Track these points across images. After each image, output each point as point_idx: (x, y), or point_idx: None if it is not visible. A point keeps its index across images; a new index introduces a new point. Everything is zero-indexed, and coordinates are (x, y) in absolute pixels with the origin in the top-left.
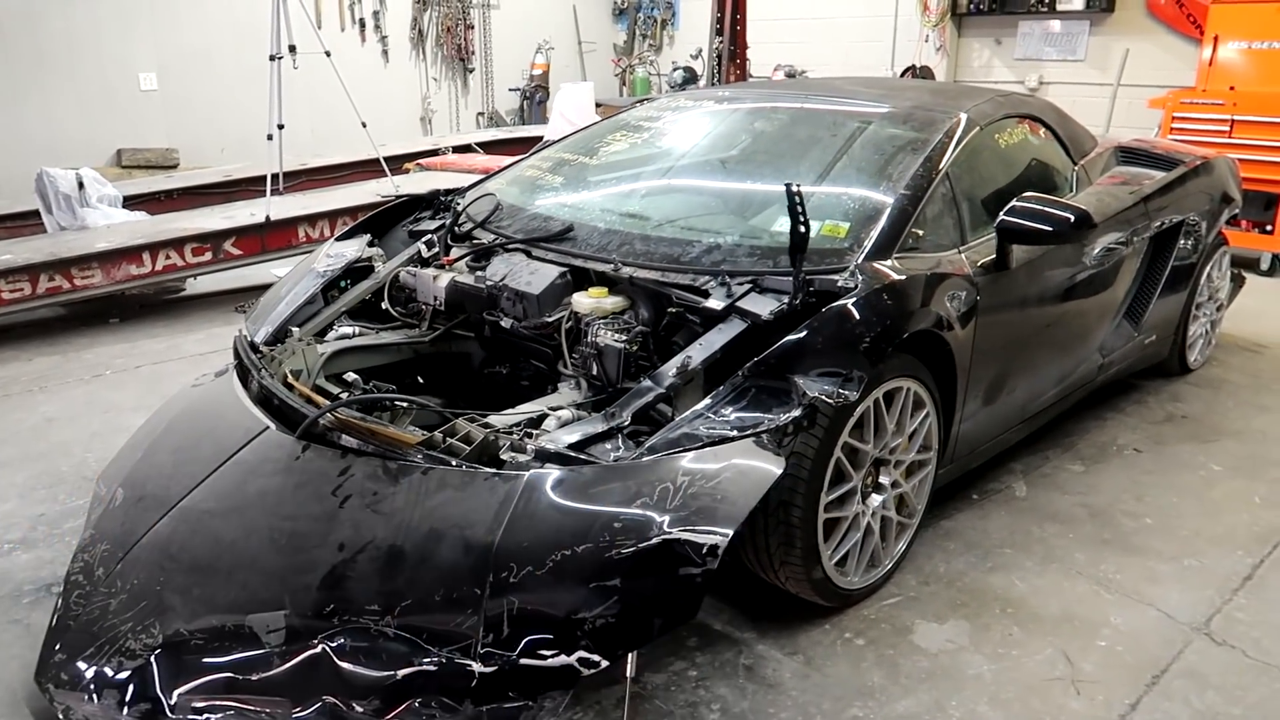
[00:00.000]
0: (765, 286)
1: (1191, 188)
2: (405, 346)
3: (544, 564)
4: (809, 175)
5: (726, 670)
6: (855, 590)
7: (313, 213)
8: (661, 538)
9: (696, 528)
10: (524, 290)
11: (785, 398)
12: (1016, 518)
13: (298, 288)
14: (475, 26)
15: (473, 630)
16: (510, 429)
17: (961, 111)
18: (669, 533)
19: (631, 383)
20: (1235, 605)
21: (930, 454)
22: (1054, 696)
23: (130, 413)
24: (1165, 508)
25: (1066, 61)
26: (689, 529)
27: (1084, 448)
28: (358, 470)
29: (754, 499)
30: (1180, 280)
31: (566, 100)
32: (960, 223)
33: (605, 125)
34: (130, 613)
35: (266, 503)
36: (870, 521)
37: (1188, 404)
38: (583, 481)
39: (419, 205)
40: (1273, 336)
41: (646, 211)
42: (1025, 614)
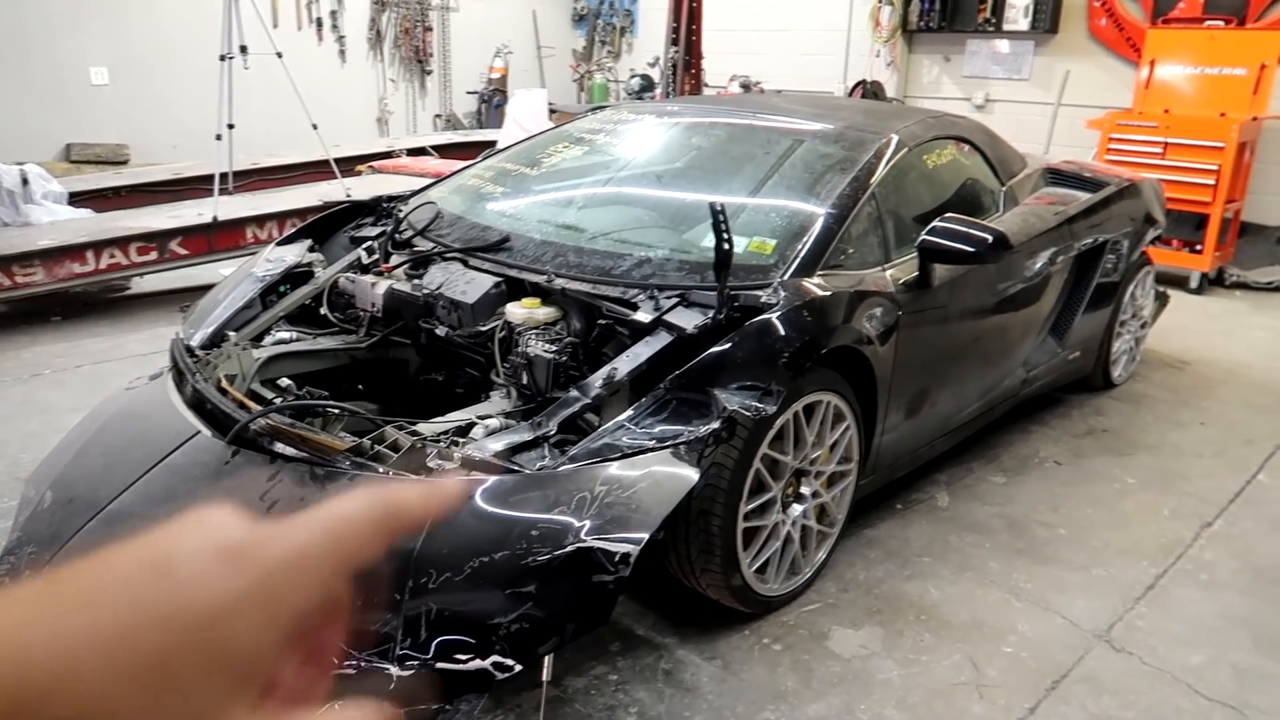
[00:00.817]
0: (692, 300)
1: (1116, 209)
2: (342, 352)
3: (462, 570)
4: (741, 192)
5: (646, 674)
6: (775, 597)
7: (261, 214)
8: (576, 545)
9: (611, 536)
10: (459, 299)
11: (705, 410)
12: (937, 527)
13: (236, 292)
14: (434, 29)
15: (392, 634)
16: (438, 437)
17: (892, 132)
18: (584, 541)
19: (561, 392)
20: (1136, 614)
21: (851, 465)
22: (958, 701)
23: (68, 413)
24: (1079, 519)
25: (1012, 80)
26: (603, 537)
27: (1006, 459)
28: (286, 476)
29: (668, 508)
30: (1104, 298)
31: (520, 106)
32: (885, 241)
33: (549, 136)
34: None
35: (193, 507)
36: (790, 530)
37: (1109, 418)
38: (504, 490)
39: (362, 211)
40: (1196, 353)
41: (582, 224)
42: (937, 621)
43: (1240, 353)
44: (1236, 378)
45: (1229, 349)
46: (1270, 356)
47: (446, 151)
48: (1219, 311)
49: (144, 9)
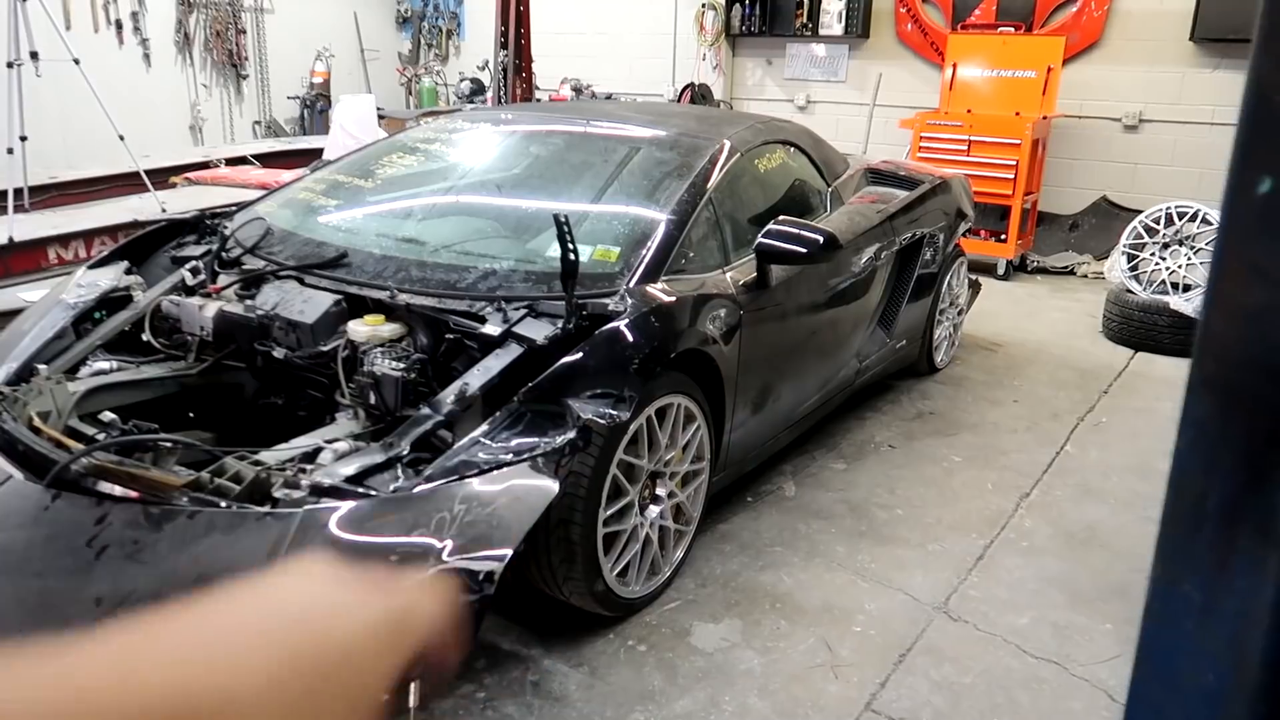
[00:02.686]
0: (541, 311)
1: (931, 205)
2: (170, 380)
3: None
4: (582, 200)
5: (514, 688)
6: (637, 599)
7: (65, 232)
8: (436, 569)
9: (473, 555)
10: (297, 319)
11: (560, 420)
12: (786, 516)
13: (44, 321)
14: (248, 31)
15: None
16: (283, 465)
17: (724, 138)
18: (446, 561)
19: (411, 410)
20: (969, 584)
21: (704, 464)
22: (815, 682)
23: None
24: (913, 499)
25: (830, 82)
26: (465, 557)
27: (845, 446)
28: (116, 518)
29: (529, 522)
30: (924, 289)
31: (346, 113)
32: (724, 244)
33: (382, 146)
34: None
35: (10, 560)
36: (649, 532)
37: (934, 401)
38: (360, 515)
39: (183, 229)
40: (1007, 335)
41: (423, 236)
42: (791, 607)
43: (1043, 334)
44: (1042, 357)
45: (1034, 330)
46: (1069, 336)
47: (269, 160)
48: (1023, 296)
49: None
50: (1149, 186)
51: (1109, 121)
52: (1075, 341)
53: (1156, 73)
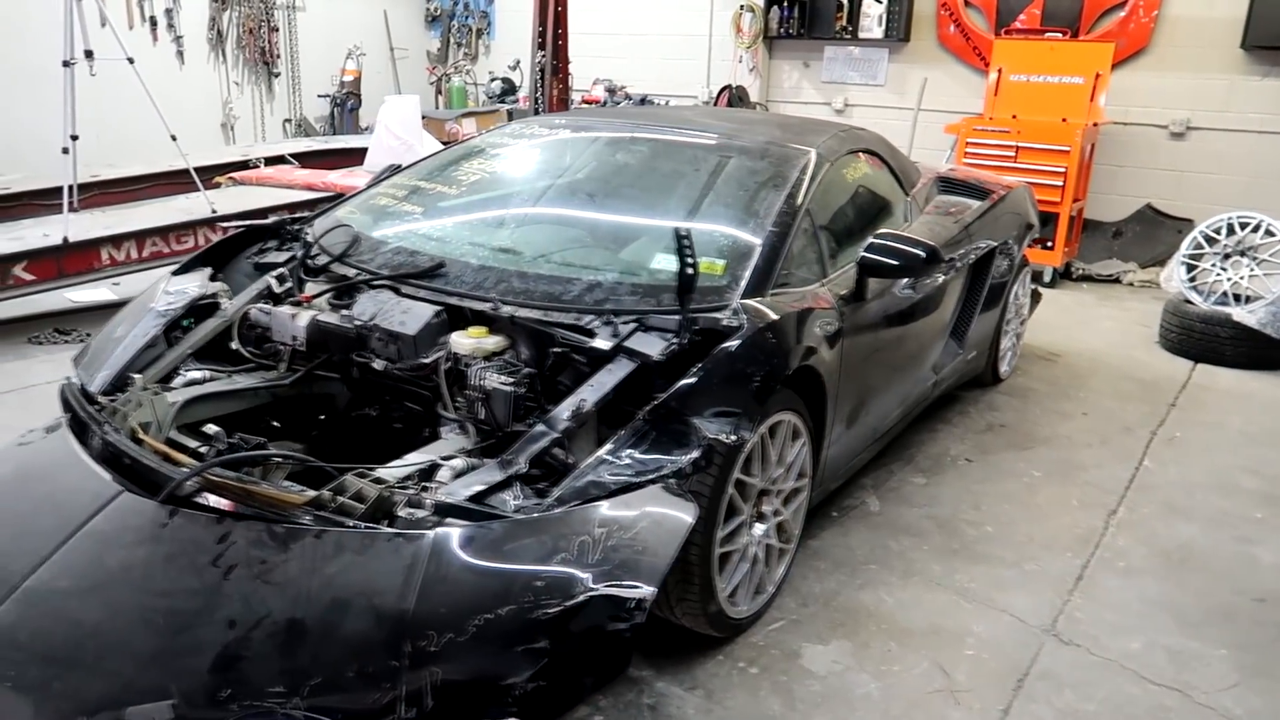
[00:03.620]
0: (650, 325)
1: (1003, 214)
2: (263, 390)
3: (465, 630)
4: (678, 210)
5: (631, 712)
6: (744, 619)
7: (117, 233)
8: (588, 594)
9: (622, 582)
10: (398, 330)
11: (684, 439)
12: (874, 533)
13: (136, 329)
14: (280, 29)
15: (393, 706)
16: (403, 483)
17: (811, 147)
18: (594, 589)
19: (519, 426)
20: (1073, 605)
21: (805, 481)
22: (936, 709)
23: None
24: (1000, 515)
25: (869, 86)
26: (614, 584)
27: (921, 460)
28: (239, 536)
29: (674, 548)
30: (994, 299)
31: (391, 114)
32: (821, 257)
33: (458, 151)
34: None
35: (133, 578)
36: (756, 551)
37: (1003, 413)
38: (494, 538)
39: (263, 235)
40: (1062, 345)
41: (519, 246)
42: (897, 629)
43: (1098, 343)
44: (1101, 368)
45: (1088, 340)
46: (1125, 346)
47: (307, 160)
48: (1071, 304)
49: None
50: (1195, 195)
51: (1155, 129)
52: (1132, 352)
53: (1205, 80)
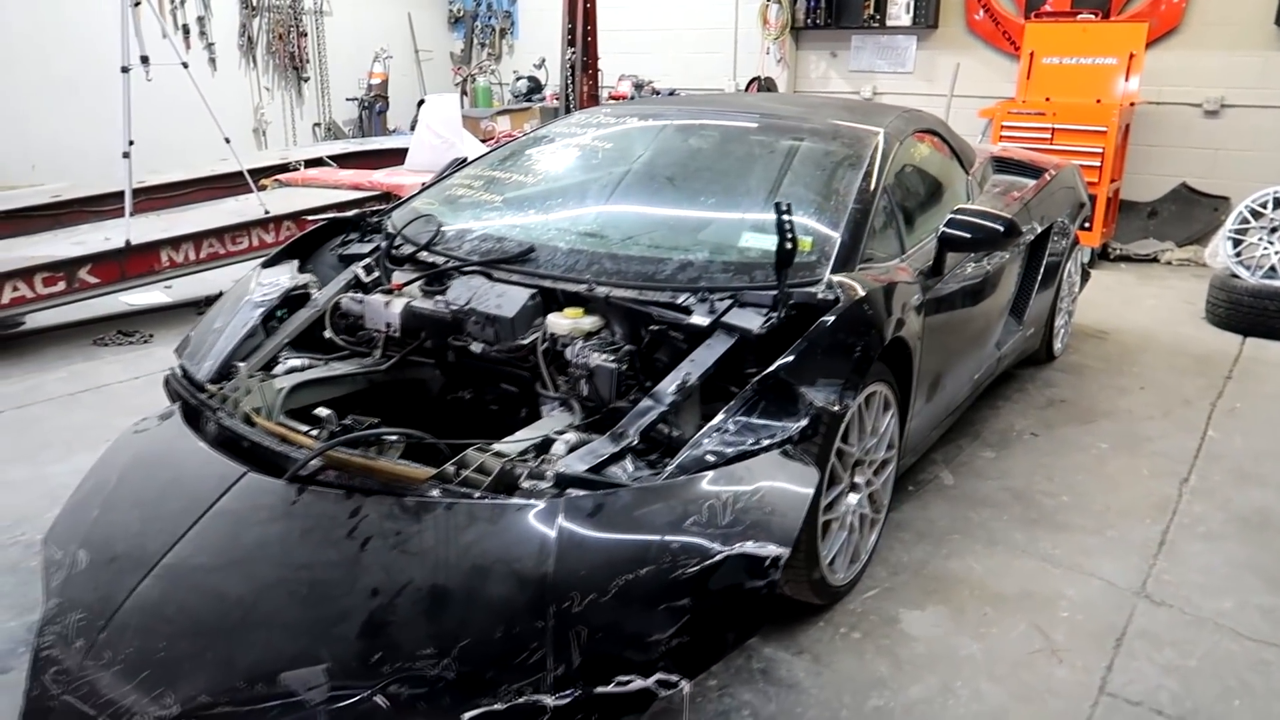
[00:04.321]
0: (745, 301)
1: (1057, 193)
2: (360, 376)
3: (607, 590)
4: (758, 191)
5: (743, 676)
6: (842, 587)
7: (175, 235)
8: (724, 554)
9: (756, 542)
10: (495, 313)
11: (793, 408)
12: (953, 505)
13: (235, 320)
14: (308, 34)
15: (543, 663)
16: (522, 456)
17: (879, 128)
18: (730, 549)
19: (621, 401)
20: (1160, 569)
21: (893, 452)
22: (1040, 668)
23: (6, 464)
24: (1074, 486)
25: (897, 73)
26: (749, 544)
27: (988, 435)
28: (370, 511)
29: (803, 509)
30: (1050, 277)
31: (432, 113)
32: (899, 233)
33: (526, 141)
34: (130, 685)
35: (270, 552)
36: (852, 519)
37: (1061, 389)
38: (623, 505)
39: (346, 227)
40: (1109, 324)
41: (605, 230)
42: (990, 594)
43: (1145, 320)
44: (1152, 344)
45: (1134, 318)
46: (1172, 322)
47: (343, 162)
48: (1113, 284)
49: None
50: (1230, 172)
51: (1189, 107)
52: (1180, 328)
53: (1239, 57)
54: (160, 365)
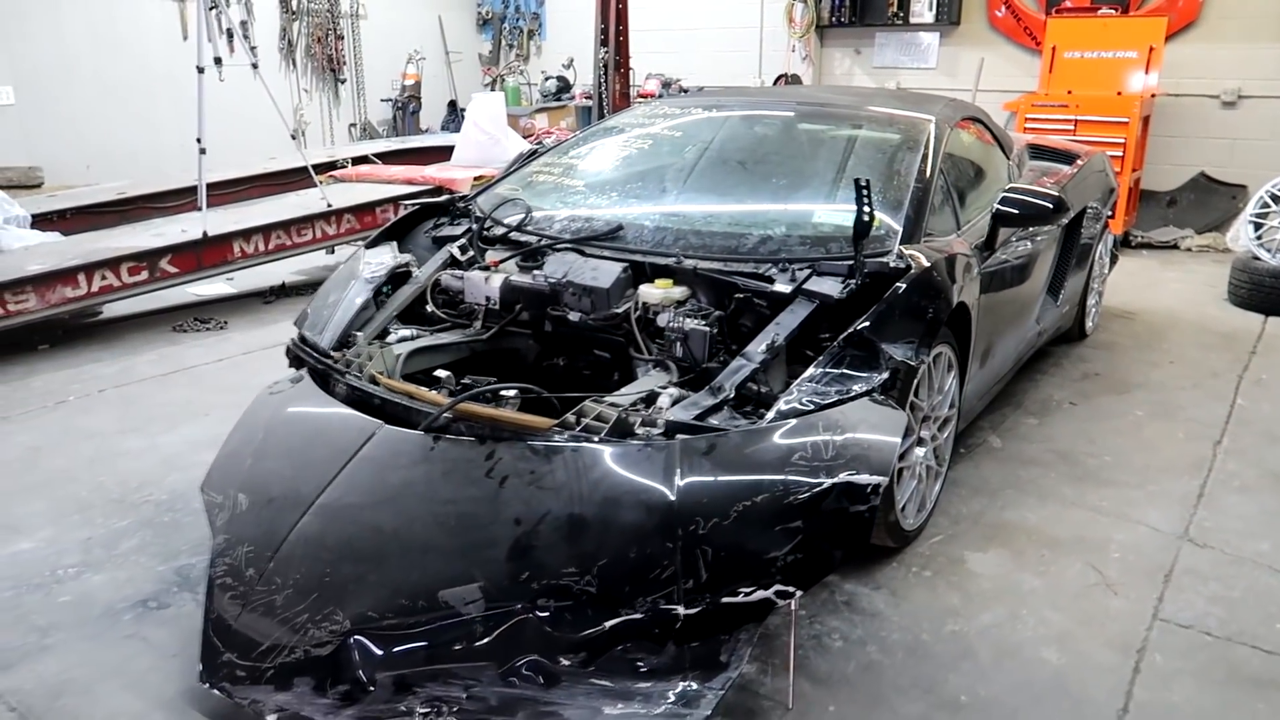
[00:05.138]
0: (822, 270)
1: (1091, 177)
2: (463, 345)
3: (728, 515)
4: (826, 173)
5: (829, 608)
6: (912, 531)
7: (246, 227)
8: (830, 483)
9: (858, 472)
10: (591, 285)
11: (875, 363)
12: (1003, 465)
13: (349, 294)
14: (345, 37)
15: (674, 578)
16: (635, 406)
17: (930, 115)
18: (835, 479)
19: (710, 362)
20: (1200, 517)
21: (954, 411)
22: (1097, 599)
23: (118, 436)
24: (1114, 448)
25: (920, 69)
26: (852, 474)
27: (1030, 404)
28: (503, 454)
29: (896, 443)
30: (1083, 258)
31: (479, 110)
32: (955, 211)
33: (598, 130)
34: (303, 605)
35: (416, 491)
36: (920, 469)
37: (1094, 364)
38: (734, 445)
39: (436, 212)
40: (1136, 305)
41: (686, 209)
42: (1046, 539)
43: (1170, 302)
44: (1178, 322)
45: (1159, 299)
46: (1195, 304)
47: (385, 159)
48: (1135, 269)
49: (46, 24)
50: (1247, 161)
51: (1207, 99)
52: (1204, 309)
53: (1255, 50)
54: (238, 349)
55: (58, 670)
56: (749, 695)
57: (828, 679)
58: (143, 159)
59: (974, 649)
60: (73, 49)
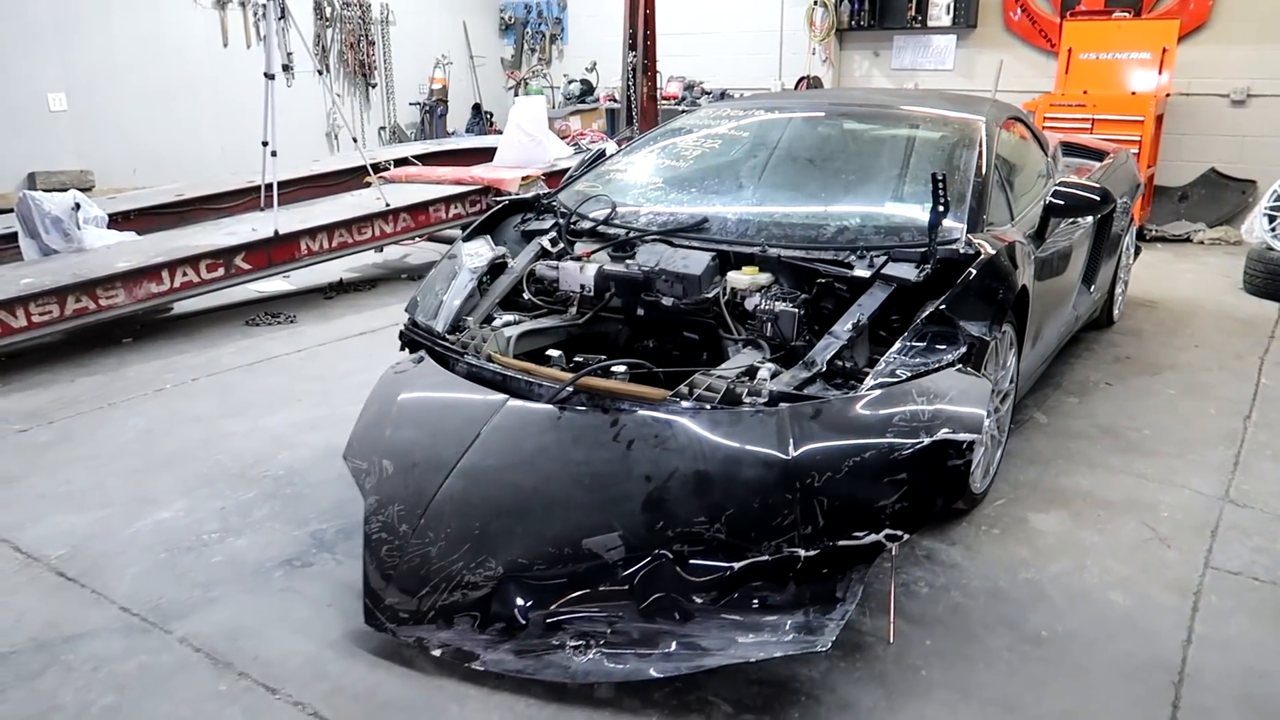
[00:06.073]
0: (896, 257)
1: (1120, 173)
2: (561, 329)
3: (840, 469)
4: (891, 168)
5: (911, 560)
6: (979, 494)
7: (312, 226)
8: (930, 440)
9: (953, 430)
10: (684, 272)
11: (954, 338)
12: (1051, 439)
13: (457, 282)
14: (376, 42)
15: (793, 525)
16: (740, 378)
17: (980, 115)
18: (935, 436)
19: (797, 341)
20: (1238, 482)
21: (1013, 385)
22: (1153, 551)
23: (222, 419)
24: (1153, 423)
25: (938, 71)
26: (948, 431)
27: (1069, 385)
28: (627, 421)
29: (985, 403)
30: (1113, 249)
31: (522, 114)
32: (1009, 203)
33: (663, 131)
34: (457, 554)
35: (550, 454)
36: (985, 438)
37: (1125, 348)
38: (838, 409)
39: (524, 207)
40: (1156, 294)
41: (764, 202)
42: (1100, 501)
43: (1188, 291)
44: (1198, 310)
45: (1178, 289)
46: (1213, 292)
47: (426, 160)
48: (1152, 261)
49: (96, 32)
50: (1257, 157)
51: (1217, 98)
52: (1221, 297)
53: (1264, 50)
54: (312, 341)
55: (228, 618)
56: (853, 633)
57: (920, 619)
58: (186, 162)
59: (1048, 593)
60: (121, 58)
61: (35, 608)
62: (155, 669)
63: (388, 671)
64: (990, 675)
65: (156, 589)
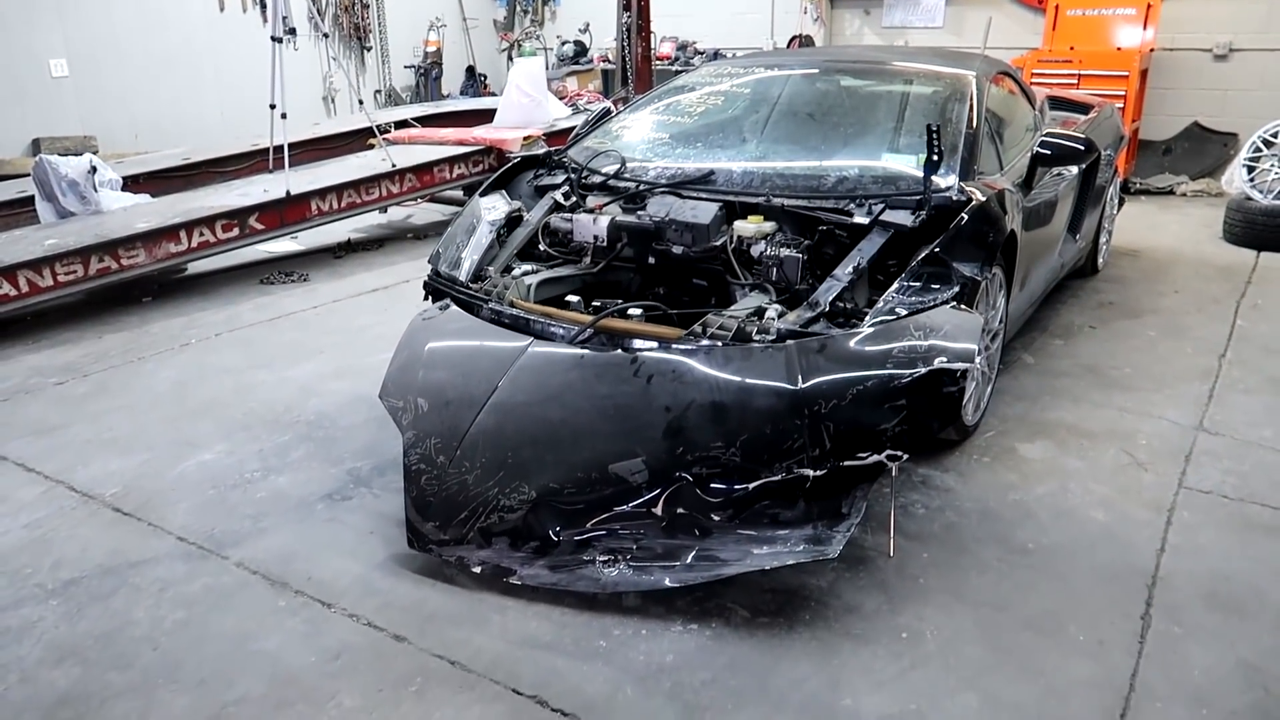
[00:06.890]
0: (893, 204)
1: (1103, 125)
2: (576, 277)
3: (845, 397)
4: (887, 121)
5: (908, 485)
6: (970, 426)
7: (321, 187)
8: (926, 369)
9: (948, 360)
10: (693, 221)
11: (948, 279)
12: (1038, 378)
13: (477, 235)
14: (370, 5)
15: (802, 449)
16: (749, 318)
17: (970, 70)
18: (931, 365)
19: (801, 285)
20: (1211, 413)
21: (1002, 325)
22: (1132, 474)
23: (250, 371)
24: (1134, 361)
25: (928, 29)
26: (943, 360)
27: (1054, 328)
28: (645, 358)
29: (977, 335)
30: (1097, 200)
31: (521, 75)
32: (998, 154)
33: (669, 88)
34: (492, 481)
35: (576, 389)
36: (976, 374)
37: (1108, 294)
38: (841, 344)
39: (536, 163)
40: (1139, 244)
41: (768, 155)
42: (1083, 432)
43: (1170, 241)
44: (1179, 258)
45: (1160, 239)
46: (1194, 242)
47: (425, 122)
48: (1136, 213)
49: (97, 1)
50: (1239, 110)
51: (1200, 52)
52: (1201, 246)
53: (1245, 5)
54: (327, 298)
55: (279, 544)
56: (856, 548)
57: (918, 535)
58: (187, 127)
59: (1034, 512)
60: (122, 24)
61: (98, 539)
62: (218, 589)
63: (432, 588)
64: (982, 581)
65: (209, 521)
